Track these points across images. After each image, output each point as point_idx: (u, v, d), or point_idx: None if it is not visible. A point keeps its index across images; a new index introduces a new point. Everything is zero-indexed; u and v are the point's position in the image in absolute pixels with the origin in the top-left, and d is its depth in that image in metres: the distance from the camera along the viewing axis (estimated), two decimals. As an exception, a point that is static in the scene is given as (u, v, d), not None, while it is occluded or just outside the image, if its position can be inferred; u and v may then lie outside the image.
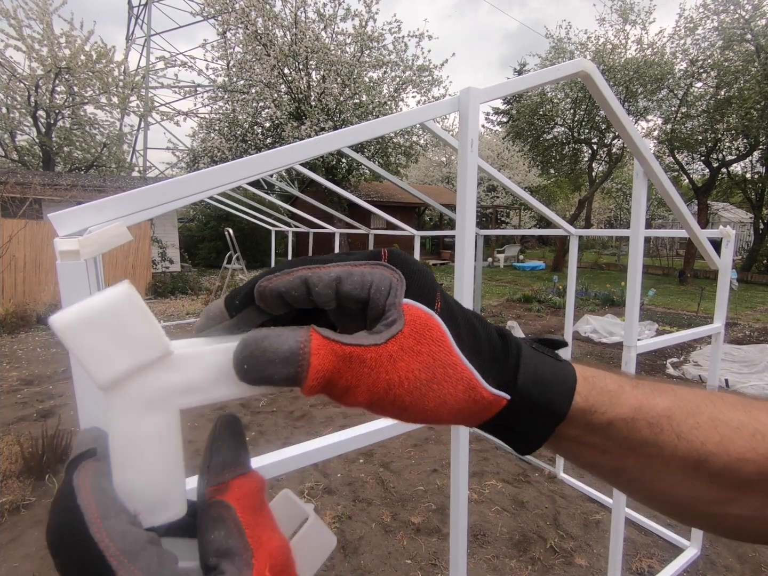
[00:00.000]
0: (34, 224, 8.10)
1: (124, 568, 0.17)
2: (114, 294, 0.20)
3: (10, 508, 2.44)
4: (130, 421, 0.21)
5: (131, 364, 0.21)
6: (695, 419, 0.28)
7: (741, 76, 11.23)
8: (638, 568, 2.09)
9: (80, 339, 0.20)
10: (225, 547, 0.20)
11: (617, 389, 0.29)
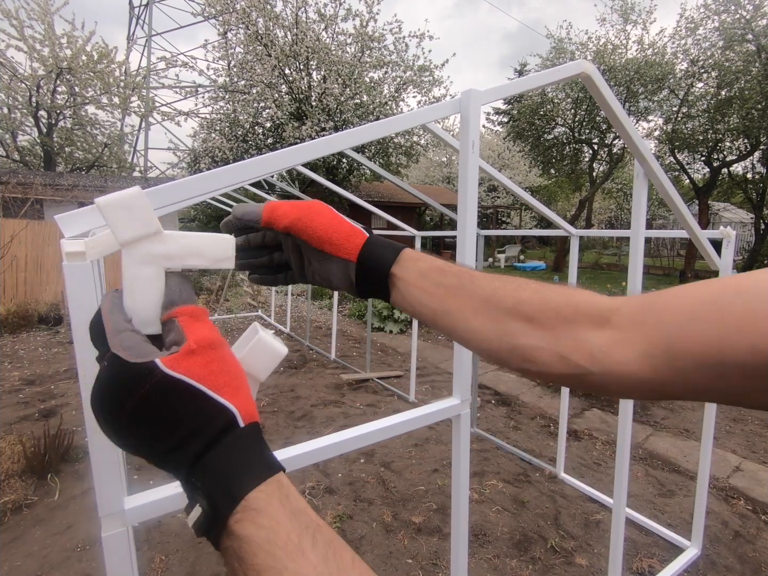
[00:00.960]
0: (36, 224, 8.11)
1: (111, 336, 0.30)
2: (132, 191, 0.34)
3: (13, 508, 2.45)
4: (134, 269, 0.33)
5: (139, 232, 0.33)
6: (490, 279, 0.42)
7: (742, 76, 11.22)
8: (639, 567, 2.10)
9: (112, 213, 0.32)
10: (175, 339, 0.31)
11: (438, 263, 0.45)
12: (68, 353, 5.60)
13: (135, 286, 0.33)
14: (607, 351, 0.35)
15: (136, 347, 0.29)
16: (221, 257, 0.37)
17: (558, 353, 0.37)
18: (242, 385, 0.31)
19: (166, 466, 0.29)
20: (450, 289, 0.42)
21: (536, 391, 4.48)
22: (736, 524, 2.44)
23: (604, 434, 3.51)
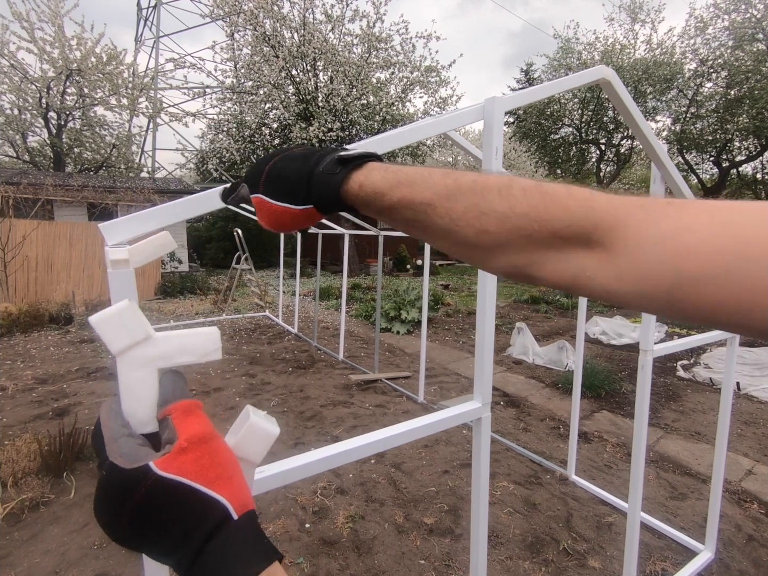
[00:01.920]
0: (46, 225, 8.20)
1: (108, 444, 0.32)
2: (120, 305, 0.36)
3: (30, 505, 2.49)
4: (129, 373, 0.36)
5: (128, 342, 0.36)
6: (453, 204, 0.39)
7: (752, 75, 11.12)
8: (652, 571, 2.10)
9: (103, 327, 0.35)
10: (169, 437, 0.33)
11: (388, 189, 0.42)
12: (79, 353, 5.66)
13: (131, 389, 0.35)
14: (595, 277, 0.34)
15: (132, 453, 0.31)
16: (209, 350, 0.39)
17: (539, 275, 0.37)
18: (234, 474, 0.32)
19: (170, 564, 0.30)
20: (408, 222, 0.43)
21: (545, 392, 4.48)
22: (750, 528, 2.42)
23: (614, 436, 3.51)
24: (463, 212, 0.38)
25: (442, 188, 0.40)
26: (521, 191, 0.37)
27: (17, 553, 2.17)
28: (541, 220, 0.35)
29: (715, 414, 3.94)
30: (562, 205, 0.35)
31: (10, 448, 2.84)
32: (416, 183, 0.41)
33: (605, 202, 0.34)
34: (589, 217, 0.34)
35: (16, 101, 13.16)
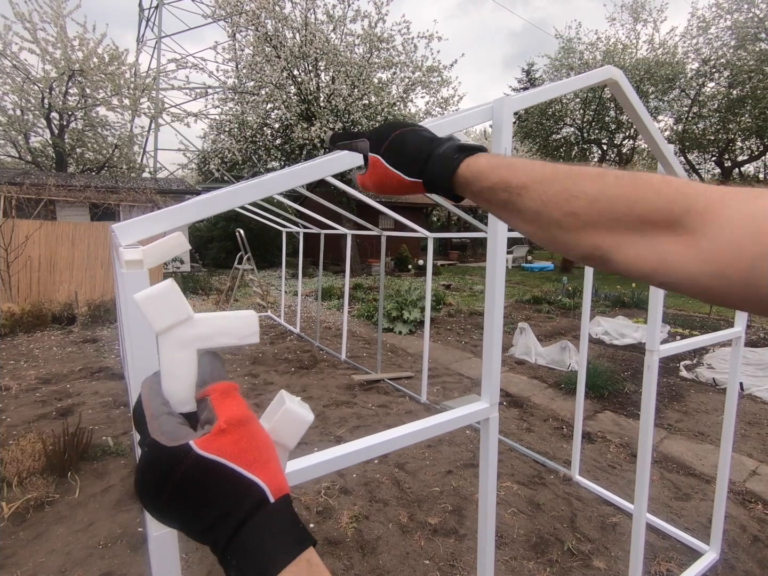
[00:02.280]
0: (49, 225, 8.21)
1: (151, 422, 0.32)
2: (165, 284, 0.36)
3: (35, 505, 2.50)
4: (170, 353, 0.36)
5: (172, 320, 0.36)
6: (544, 187, 0.42)
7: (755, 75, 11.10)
8: (657, 571, 2.09)
9: (148, 305, 0.35)
10: (208, 417, 0.33)
11: (489, 170, 0.47)
12: (82, 352, 5.67)
13: (172, 369, 0.36)
14: (677, 262, 0.34)
15: (173, 431, 0.31)
16: (248, 333, 0.40)
17: (619, 260, 0.38)
18: (271, 459, 0.33)
19: (206, 542, 0.31)
20: (500, 203, 0.46)
21: (548, 392, 4.47)
22: (755, 529, 2.42)
23: (618, 437, 3.50)
24: (554, 195, 0.41)
25: (539, 173, 0.43)
26: (614, 177, 0.39)
27: (22, 553, 2.18)
28: (630, 202, 0.37)
29: (718, 414, 3.93)
30: (654, 190, 0.36)
31: (15, 447, 2.85)
32: (515, 167, 0.45)
33: (702, 189, 0.35)
34: (681, 201, 0.34)
35: (19, 102, 13.18)
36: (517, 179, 0.44)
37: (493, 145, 0.99)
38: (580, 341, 2.85)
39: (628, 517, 2.47)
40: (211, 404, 0.33)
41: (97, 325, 7.22)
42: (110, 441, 3.25)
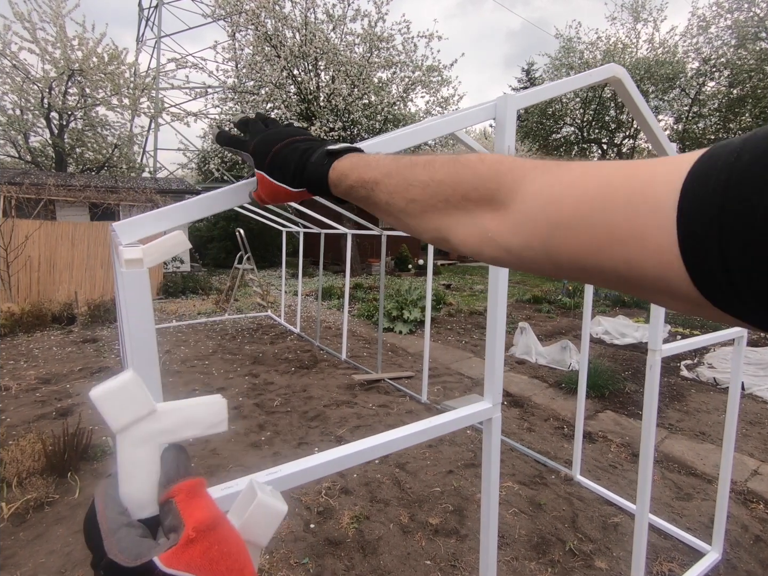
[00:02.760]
0: (49, 225, 8.21)
1: (106, 539, 0.29)
2: (126, 377, 0.33)
3: (35, 506, 2.49)
4: (129, 452, 0.33)
5: (131, 418, 0.33)
6: (390, 179, 0.45)
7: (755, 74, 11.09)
8: (659, 572, 2.09)
9: (104, 403, 0.32)
10: (173, 524, 0.30)
11: (350, 171, 0.50)
12: (82, 352, 5.66)
13: (132, 469, 0.33)
14: (495, 236, 0.37)
15: (133, 547, 0.28)
16: (216, 422, 0.37)
17: (454, 237, 0.41)
18: (245, 565, 0.30)
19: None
20: (362, 199, 0.49)
21: (548, 392, 4.47)
22: (757, 528, 2.41)
23: (618, 436, 3.49)
24: (396, 186, 0.44)
25: (385, 168, 0.46)
26: (440, 163, 0.42)
27: (22, 554, 2.17)
28: (454, 183, 0.40)
29: (719, 414, 3.93)
30: (471, 169, 0.39)
31: (15, 448, 2.84)
32: (369, 165, 0.48)
33: (511, 165, 0.37)
34: (494, 178, 0.37)
35: (18, 101, 13.16)
36: (369, 176, 0.47)
37: (496, 143, 0.98)
38: (582, 341, 2.84)
39: (630, 517, 2.47)
40: (176, 507, 0.30)
41: (97, 325, 7.21)
42: (110, 441, 3.24)
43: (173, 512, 0.30)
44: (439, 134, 1.00)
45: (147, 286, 0.61)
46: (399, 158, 0.46)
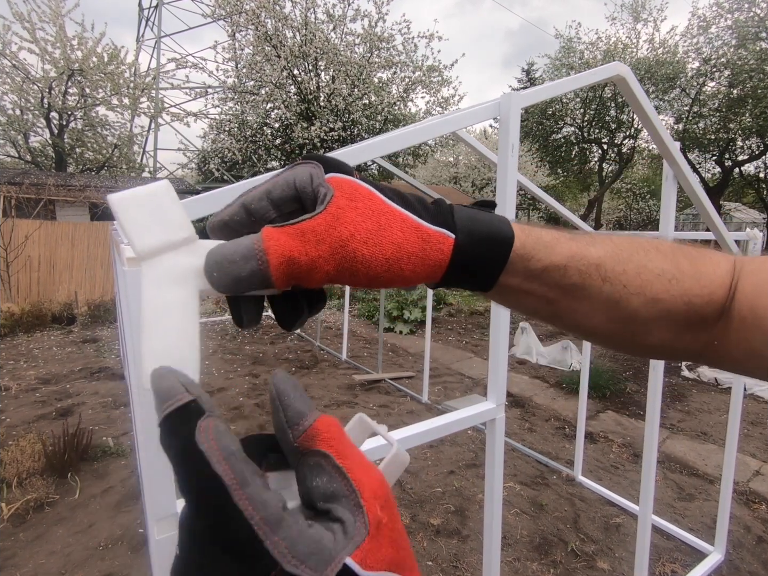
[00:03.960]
0: (49, 225, 8.20)
1: (270, 539, 0.18)
2: (157, 184, 0.25)
3: (35, 506, 2.48)
4: (158, 291, 0.25)
5: (164, 239, 0.25)
6: (623, 266, 0.33)
7: (755, 74, 11.09)
8: (662, 573, 2.08)
9: (127, 211, 0.24)
10: (330, 491, 0.20)
11: (552, 240, 0.33)
12: (82, 353, 5.65)
13: (158, 319, 0.24)
14: (720, 344, 0.34)
15: (313, 546, 0.18)
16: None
17: (679, 348, 0.36)
18: (412, 554, 0.22)
19: None
20: (568, 290, 0.33)
21: (549, 392, 4.46)
22: (759, 529, 2.41)
23: (620, 437, 3.49)
24: (635, 274, 0.33)
25: (609, 245, 0.34)
26: (676, 250, 0.35)
27: (22, 554, 2.16)
28: (695, 279, 0.34)
29: (720, 414, 3.92)
30: (710, 265, 0.34)
31: (15, 448, 2.83)
32: (577, 239, 0.34)
33: (726, 264, 0.35)
34: (722, 279, 0.34)
35: (18, 101, 13.15)
36: (590, 253, 0.33)
37: (500, 141, 0.97)
38: (583, 341, 2.83)
39: (632, 518, 2.46)
40: (335, 466, 0.21)
41: (97, 325, 7.20)
42: (110, 441, 3.23)
43: (330, 472, 0.21)
44: (443, 132, 1.00)
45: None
46: (604, 234, 0.35)
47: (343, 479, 0.20)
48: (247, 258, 0.24)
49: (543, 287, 0.33)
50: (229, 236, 0.28)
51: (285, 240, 0.25)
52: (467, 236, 0.29)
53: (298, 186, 0.28)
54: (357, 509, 0.20)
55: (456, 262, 0.29)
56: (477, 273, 0.31)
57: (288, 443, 0.23)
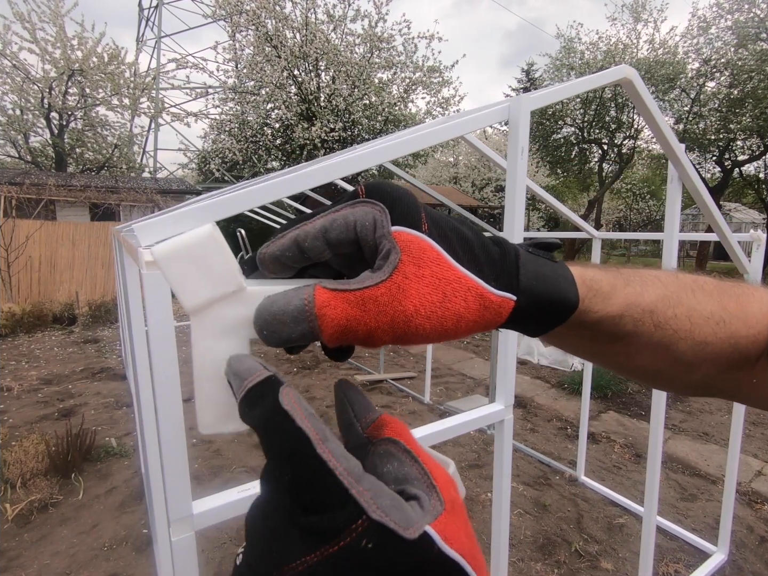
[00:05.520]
0: (49, 225, 8.20)
1: (355, 487, 0.18)
2: (201, 232, 0.24)
3: (39, 507, 2.48)
4: (208, 343, 0.25)
5: (212, 294, 0.24)
6: (674, 311, 0.32)
7: (755, 75, 11.11)
8: (665, 573, 2.08)
9: (173, 267, 0.23)
10: (402, 474, 0.21)
11: (610, 290, 0.31)
12: (83, 353, 5.66)
13: (210, 368, 0.24)
14: (759, 383, 0.34)
15: (399, 507, 0.19)
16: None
17: (720, 387, 0.36)
18: (481, 553, 0.21)
19: None
20: (620, 337, 0.32)
21: (551, 393, 4.46)
22: (762, 529, 2.41)
23: (622, 437, 3.49)
24: (685, 318, 0.32)
25: (660, 287, 0.32)
26: (723, 289, 0.34)
27: (27, 555, 2.17)
28: (743, 319, 0.32)
29: (722, 414, 3.93)
30: (756, 303, 0.34)
31: (18, 448, 2.84)
32: (633, 283, 0.32)
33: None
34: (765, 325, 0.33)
35: (18, 102, 13.15)
36: (644, 299, 0.31)
37: (509, 144, 0.98)
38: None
39: (635, 518, 2.47)
40: (405, 450, 0.22)
41: (98, 325, 7.20)
42: (113, 442, 3.24)
43: (400, 457, 0.22)
44: (451, 137, 1.00)
45: (167, 289, 0.61)
46: (657, 273, 0.34)
47: (415, 463, 0.21)
48: (298, 321, 0.24)
49: (594, 334, 0.32)
50: (279, 270, 0.28)
51: (343, 308, 0.24)
52: (529, 298, 0.28)
53: (359, 231, 0.26)
54: (431, 489, 0.20)
55: (510, 320, 0.28)
56: (529, 328, 0.31)
57: (356, 435, 0.24)
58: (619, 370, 0.37)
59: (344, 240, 0.26)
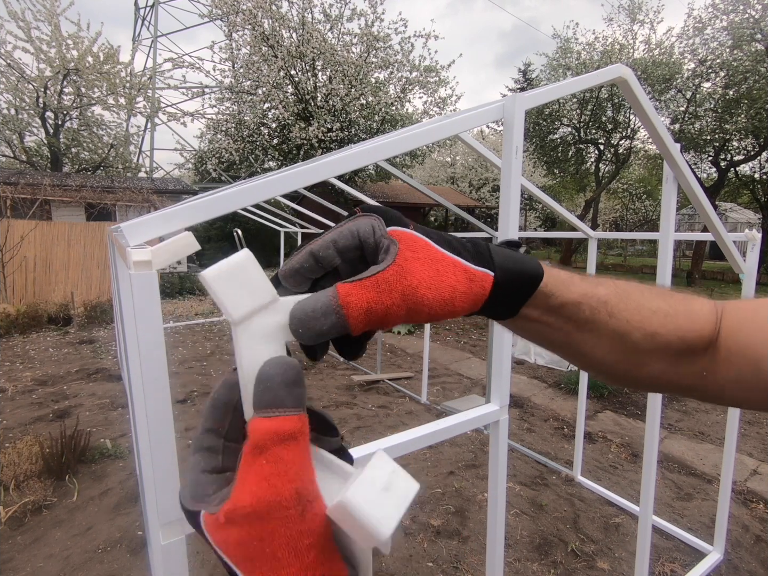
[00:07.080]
0: (44, 225, 8.15)
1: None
2: (242, 256, 0.28)
3: (33, 509, 2.47)
4: (252, 349, 0.29)
5: (253, 305, 0.28)
6: (625, 304, 0.38)
7: (750, 75, 11.16)
8: (661, 572, 2.09)
9: (220, 286, 0.27)
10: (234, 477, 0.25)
11: (568, 279, 0.37)
12: (78, 354, 5.62)
13: (256, 369, 0.28)
14: (708, 375, 0.39)
15: (194, 486, 0.26)
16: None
17: (674, 380, 0.41)
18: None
19: None
20: (581, 323, 0.37)
21: (548, 392, 4.47)
22: (757, 528, 2.42)
23: (618, 437, 3.50)
24: (635, 311, 0.38)
25: (612, 286, 0.39)
26: (665, 293, 0.40)
27: (20, 558, 2.15)
28: (687, 315, 0.39)
29: (717, 414, 3.94)
30: (695, 304, 0.40)
31: (12, 450, 2.81)
32: (587, 279, 0.39)
33: (721, 308, 0.40)
34: (708, 316, 0.39)
35: (13, 101, 13.07)
36: (598, 291, 0.38)
37: (504, 143, 0.97)
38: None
39: (631, 518, 2.47)
40: (240, 460, 0.24)
41: (94, 325, 7.17)
42: (108, 443, 3.22)
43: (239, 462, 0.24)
44: (447, 135, 0.99)
45: (156, 287, 0.60)
46: (607, 279, 0.40)
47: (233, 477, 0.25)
48: (327, 314, 0.28)
49: (559, 321, 0.38)
50: (299, 282, 0.32)
51: (361, 293, 0.29)
52: (504, 273, 0.34)
53: (362, 236, 0.32)
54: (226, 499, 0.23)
55: (492, 294, 0.34)
56: (506, 303, 0.36)
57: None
58: (582, 363, 0.42)
59: (350, 246, 0.32)
